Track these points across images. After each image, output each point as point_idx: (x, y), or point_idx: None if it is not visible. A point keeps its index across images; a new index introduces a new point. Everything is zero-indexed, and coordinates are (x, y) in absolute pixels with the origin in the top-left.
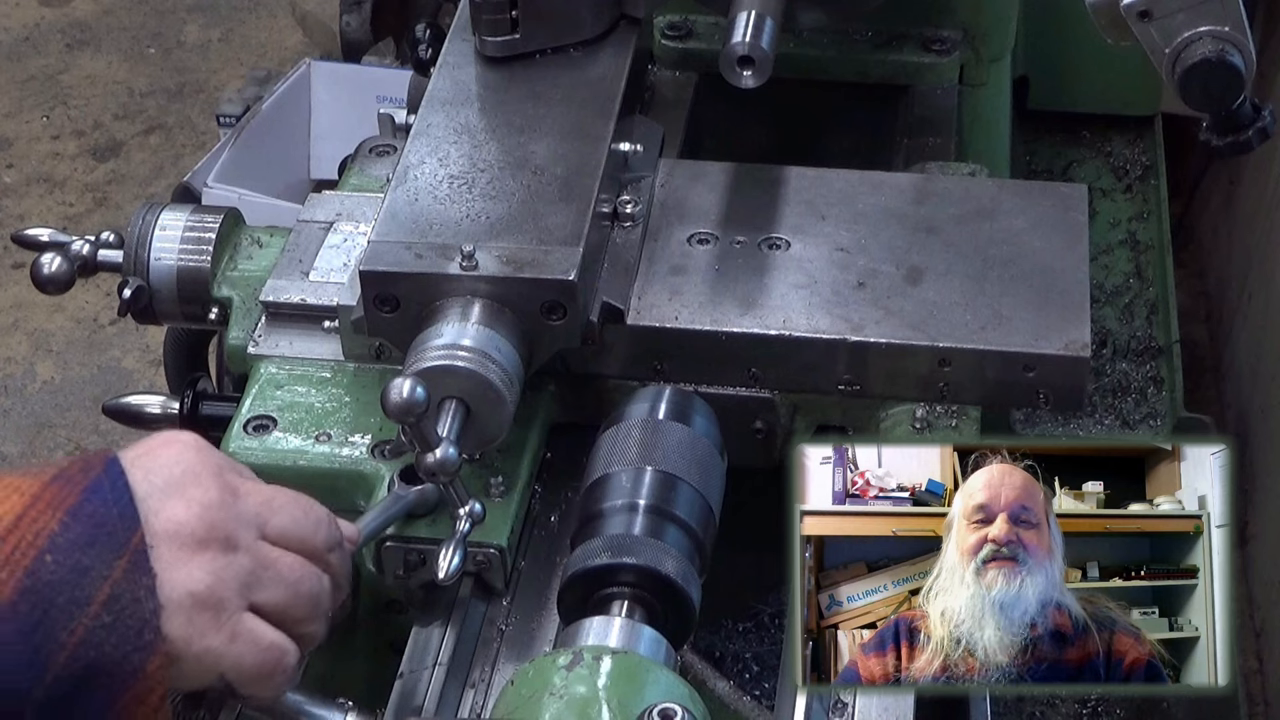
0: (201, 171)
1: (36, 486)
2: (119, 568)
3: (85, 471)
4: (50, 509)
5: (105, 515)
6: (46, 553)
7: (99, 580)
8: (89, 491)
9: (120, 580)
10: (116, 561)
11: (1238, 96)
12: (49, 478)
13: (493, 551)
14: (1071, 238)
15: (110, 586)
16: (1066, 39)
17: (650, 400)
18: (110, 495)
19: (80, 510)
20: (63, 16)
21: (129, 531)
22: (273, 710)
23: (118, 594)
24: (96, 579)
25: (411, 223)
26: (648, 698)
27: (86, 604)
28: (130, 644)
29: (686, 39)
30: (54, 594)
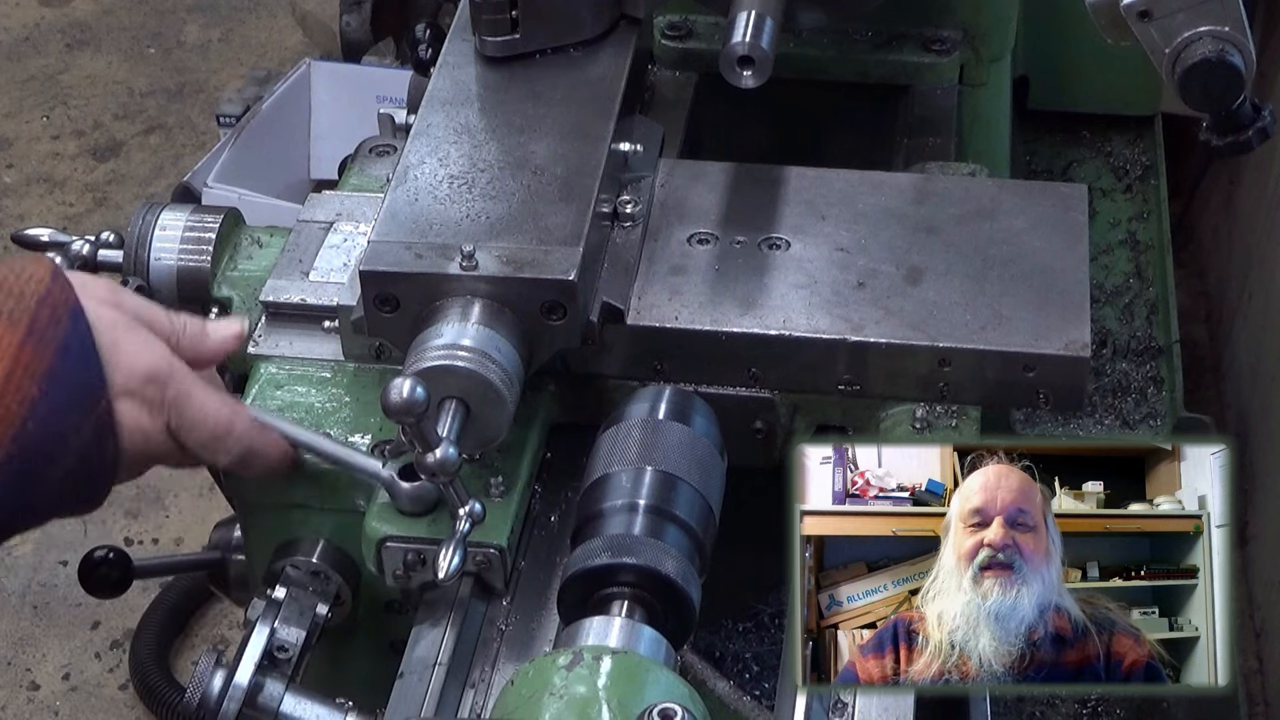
0: (201, 171)
1: (13, 346)
2: (88, 428)
3: (54, 324)
4: (29, 375)
5: (76, 379)
6: (29, 420)
7: (72, 440)
8: (61, 352)
9: (89, 439)
10: (86, 423)
11: (1238, 96)
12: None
13: (493, 551)
14: (1071, 238)
15: (79, 445)
16: (1066, 39)
17: (650, 400)
18: (79, 354)
19: (55, 374)
20: (63, 16)
21: (97, 396)
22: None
23: (87, 454)
24: (70, 439)
25: (411, 223)
26: (648, 698)
27: (59, 461)
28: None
29: (686, 39)
30: (34, 458)
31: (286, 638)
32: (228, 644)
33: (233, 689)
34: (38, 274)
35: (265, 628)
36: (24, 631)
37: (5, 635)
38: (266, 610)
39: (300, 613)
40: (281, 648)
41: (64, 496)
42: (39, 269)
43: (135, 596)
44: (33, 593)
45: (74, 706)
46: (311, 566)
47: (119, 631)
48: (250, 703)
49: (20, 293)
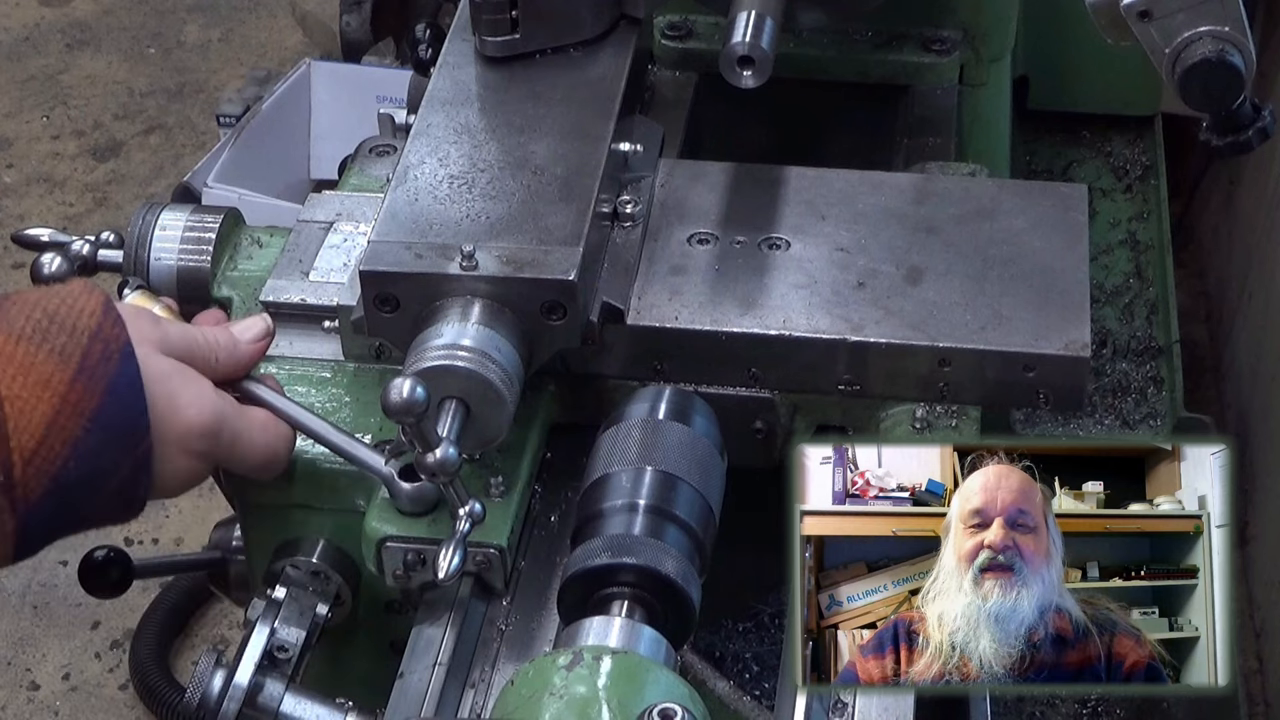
0: (201, 171)
1: (64, 384)
2: (126, 468)
3: (105, 361)
4: (77, 414)
5: (121, 423)
6: (70, 459)
7: (110, 479)
8: (110, 393)
9: (126, 478)
10: (125, 464)
11: (1238, 96)
12: (74, 371)
13: (493, 551)
14: (1071, 238)
15: (117, 483)
16: (1066, 39)
17: (650, 400)
18: (126, 397)
19: (102, 416)
20: (63, 16)
21: (140, 440)
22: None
23: (122, 488)
24: (109, 478)
25: (411, 223)
26: (648, 698)
27: (96, 498)
28: (119, 514)
29: (686, 39)
30: (74, 492)
31: (286, 638)
32: (228, 644)
33: (233, 689)
34: (89, 306)
35: (265, 628)
36: (24, 631)
37: (5, 635)
38: (266, 610)
39: (300, 613)
40: (281, 648)
41: (95, 521)
42: (91, 300)
43: (135, 596)
44: (33, 593)
45: (74, 706)
46: (311, 566)
47: (119, 631)
48: (250, 703)
49: (73, 326)
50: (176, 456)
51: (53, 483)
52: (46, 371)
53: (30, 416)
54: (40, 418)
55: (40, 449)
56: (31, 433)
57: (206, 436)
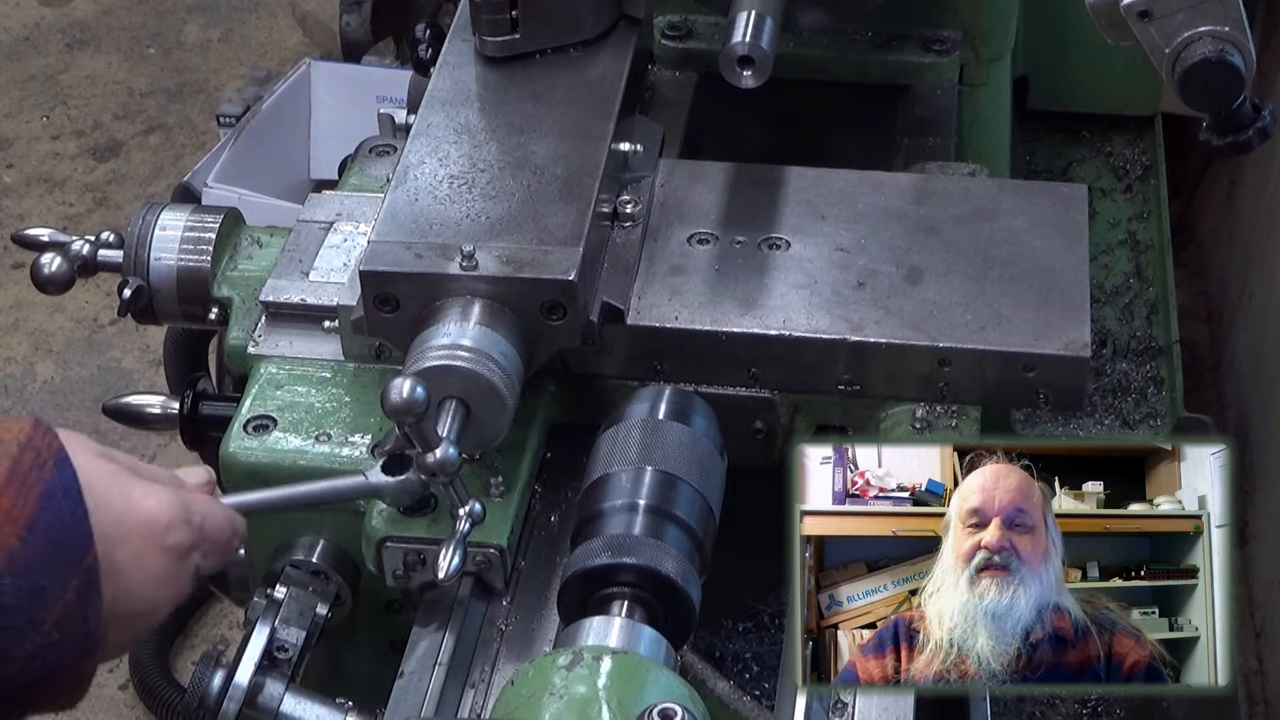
0: (201, 171)
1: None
2: (72, 588)
3: (39, 468)
4: (10, 522)
5: (61, 532)
6: (5, 575)
7: (53, 602)
8: (45, 499)
9: (72, 602)
10: (70, 581)
11: (1238, 96)
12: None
13: (493, 551)
14: (1071, 238)
15: (62, 608)
16: (1066, 39)
17: (650, 400)
18: (64, 504)
19: (38, 524)
20: (63, 16)
21: (84, 552)
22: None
23: (68, 615)
24: (51, 600)
25: (411, 223)
26: (648, 698)
27: (40, 624)
28: (75, 654)
29: (686, 39)
30: (11, 616)
31: (286, 638)
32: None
33: (233, 689)
34: (17, 425)
35: (265, 628)
36: None
37: None
38: (266, 610)
39: (300, 613)
40: (281, 648)
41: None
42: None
43: None
44: None
45: None
46: (311, 566)
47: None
48: (250, 703)
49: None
50: (148, 557)
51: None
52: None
53: None
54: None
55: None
56: None
57: (174, 526)
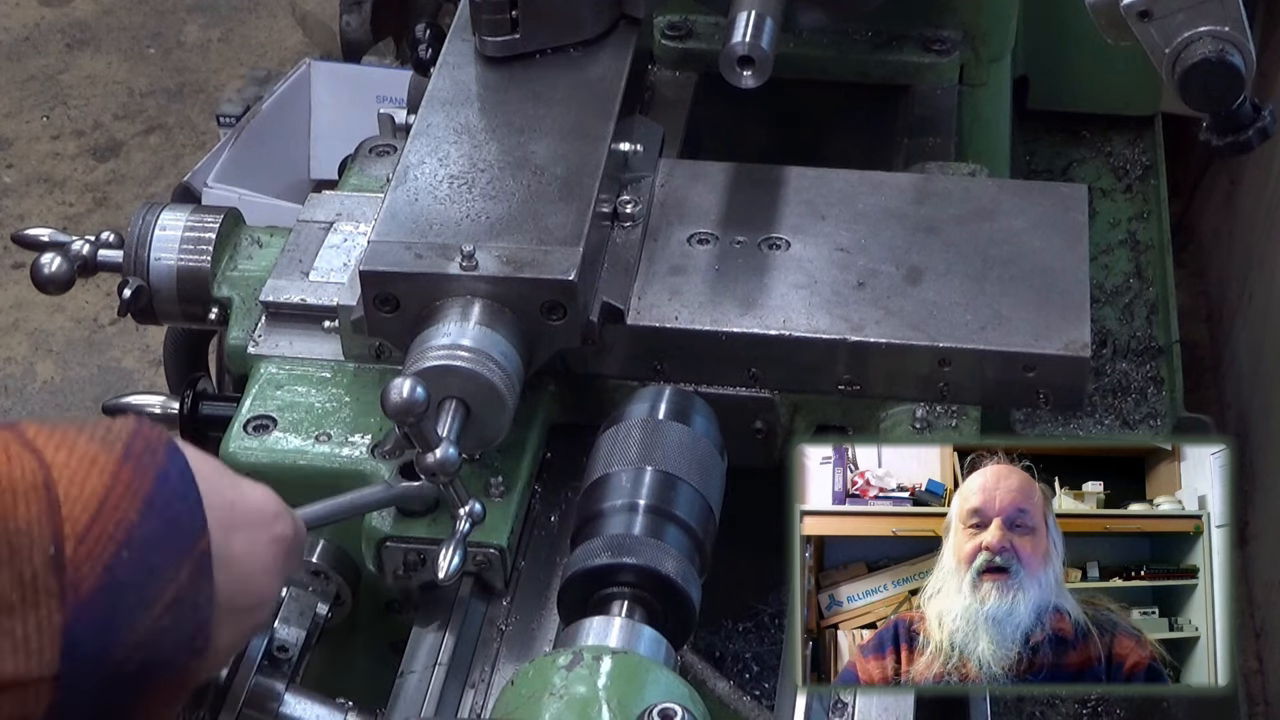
0: (201, 171)
1: (113, 464)
2: (184, 570)
3: (151, 453)
4: (129, 494)
5: (175, 512)
6: (124, 547)
7: (166, 583)
8: (160, 479)
9: (185, 585)
10: (184, 563)
11: (1238, 96)
12: (120, 454)
13: (493, 551)
14: (1071, 238)
15: (175, 590)
16: (1066, 39)
17: (650, 400)
18: (178, 486)
19: (155, 501)
20: (63, 16)
21: (196, 533)
22: None
23: (180, 599)
24: (164, 580)
25: (411, 223)
26: (648, 698)
27: (152, 605)
28: (183, 647)
29: (686, 39)
30: (126, 591)
31: (286, 638)
32: None
33: (233, 689)
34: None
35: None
36: None
37: None
38: None
39: (300, 613)
40: (281, 648)
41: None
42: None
43: None
44: None
45: None
46: (311, 566)
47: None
48: (250, 703)
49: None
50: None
51: (106, 573)
52: (92, 451)
53: (81, 488)
54: (92, 494)
55: (93, 527)
56: (84, 505)
57: (281, 516)
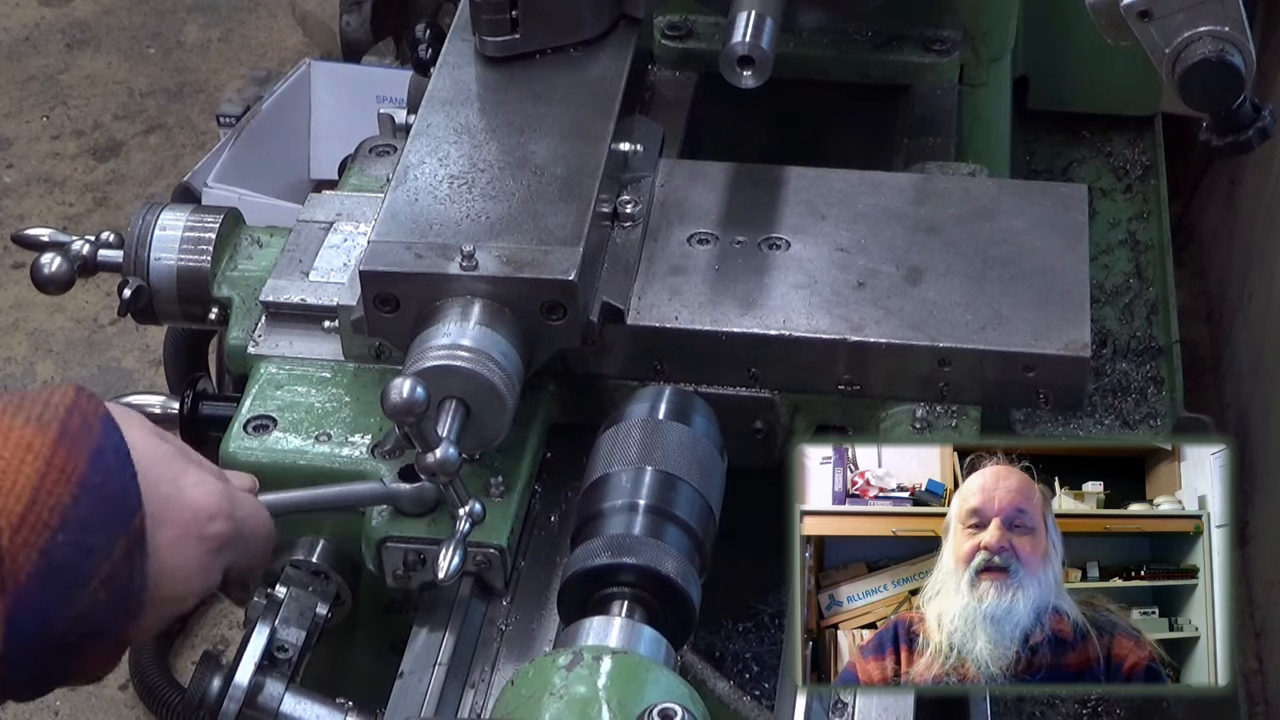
0: (201, 171)
1: (46, 448)
2: (119, 548)
3: (86, 430)
4: (63, 479)
5: (111, 491)
6: (59, 531)
7: (101, 559)
8: (94, 458)
9: (120, 561)
10: (118, 541)
11: (1238, 96)
12: (54, 435)
13: (493, 551)
14: (1071, 238)
15: (110, 566)
16: (1066, 39)
17: (650, 400)
18: (113, 464)
19: (89, 482)
20: (63, 16)
21: (131, 512)
22: None
23: (115, 574)
24: (99, 558)
25: (411, 223)
26: (648, 698)
27: (88, 582)
28: (119, 617)
29: (686, 39)
30: (62, 573)
31: (286, 638)
32: (228, 644)
33: (233, 689)
34: (60, 390)
35: (265, 628)
36: None
37: None
38: (266, 610)
39: (300, 613)
40: (281, 648)
41: (88, 622)
42: (62, 387)
43: None
44: None
45: (74, 706)
46: (311, 566)
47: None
48: (250, 703)
49: (46, 401)
50: (187, 544)
51: (42, 559)
52: (26, 437)
53: (14, 479)
54: (25, 481)
55: (28, 515)
56: (18, 495)
57: (217, 518)
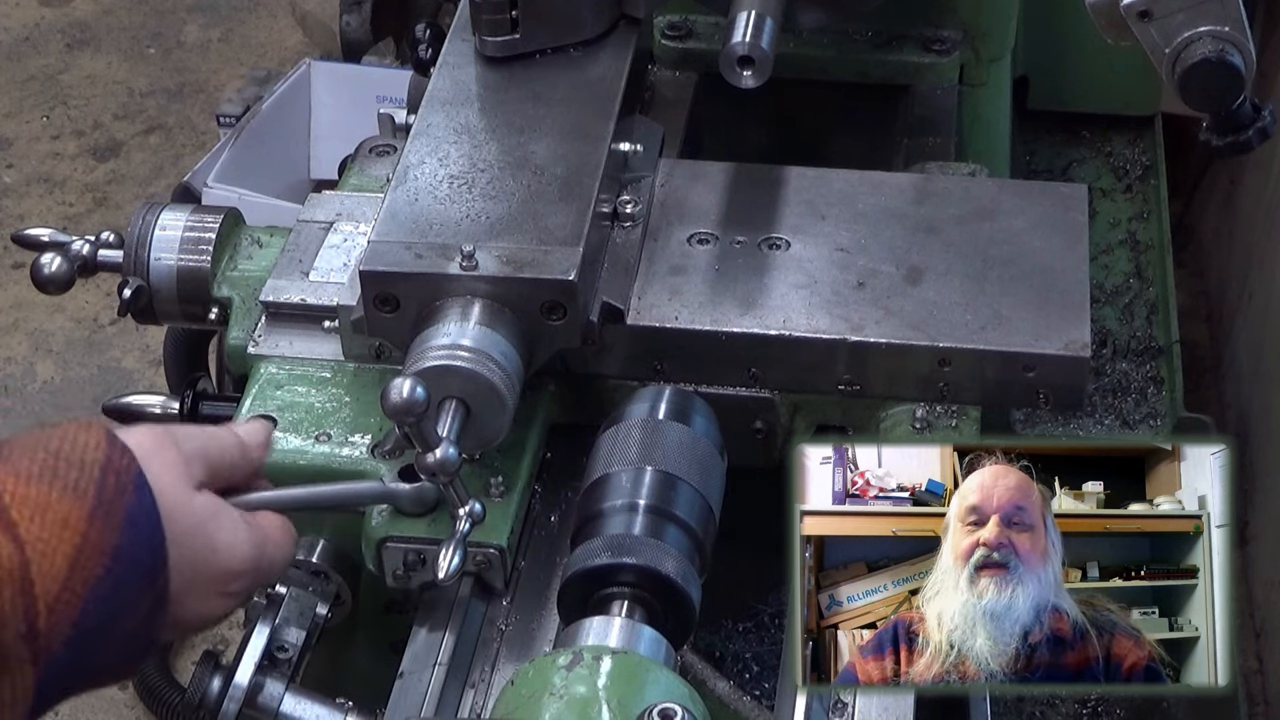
0: (201, 171)
1: (82, 522)
2: (144, 605)
3: (120, 493)
4: (97, 553)
5: (141, 555)
6: (90, 602)
7: (128, 618)
8: (128, 526)
9: (143, 618)
10: (144, 600)
11: (1238, 96)
12: (90, 506)
13: (493, 551)
14: (1071, 238)
15: (134, 623)
16: (1066, 39)
17: (650, 400)
18: (144, 529)
19: (121, 552)
20: (63, 16)
21: (157, 573)
22: None
23: (138, 629)
24: (126, 617)
25: (411, 223)
26: (648, 698)
27: (115, 636)
28: (136, 657)
29: (686, 39)
30: (89, 635)
31: (286, 638)
32: (228, 644)
33: (233, 689)
34: (92, 439)
35: (265, 628)
36: None
37: None
38: (266, 610)
39: (300, 613)
40: (281, 648)
41: (105, 672)
42: (92, 434)
43: None
44: None
45: (74, 706)
46: (311, 566)
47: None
48: (250, 703)
49: (80, 461)
50: (211, 599)
51: (73, 629)
52: (63, 510)
53: (53, 560)
54: (62, 560)
55: (63, 594)
56: (55, 577)
57: (244, 576)
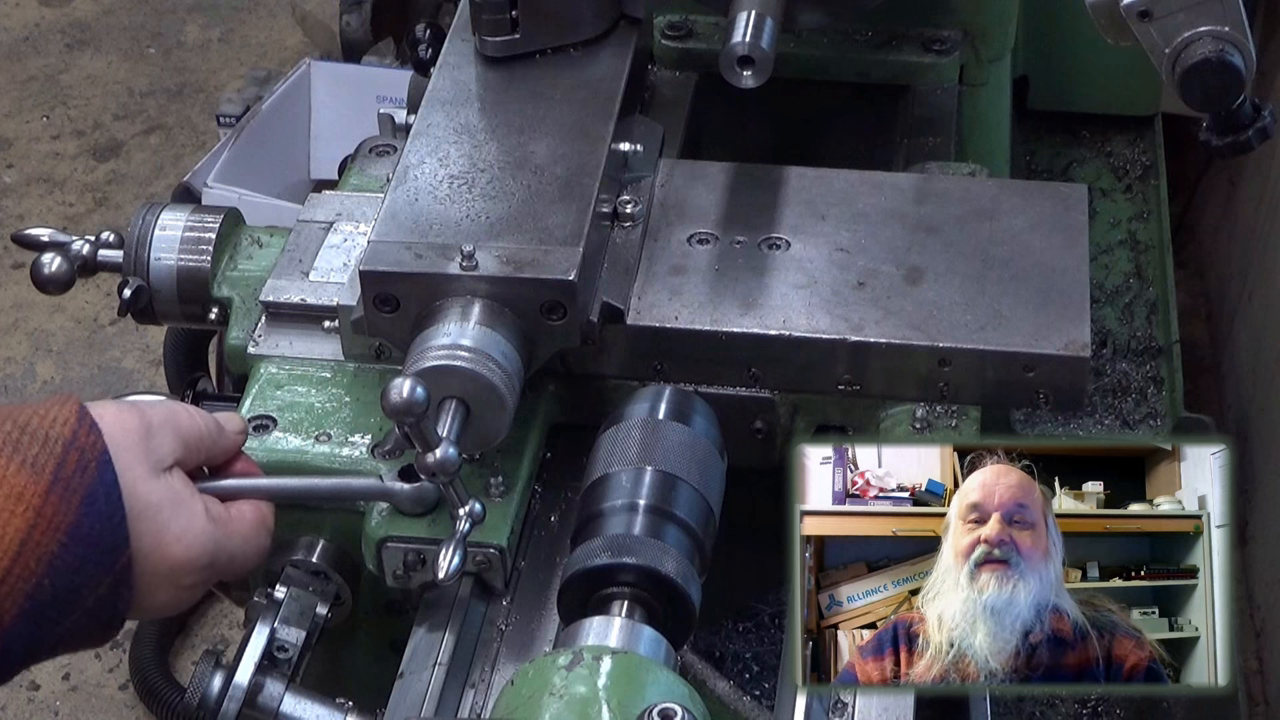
0: (201, 171)
1: (37, 497)
2: (105, 584)
3: (81, 471)
4: (52, 528)
5: (99, 534)
6: (46, 577)
7: (88, 594)
8: (86, 504)
9: (105, 594)
10: (104, 579)
11: (1238, 96)
12: (47, 483)
13: (493, 551)
14: (1071, 238)
15: (95, 600)
16: (1066, 39)
17: (650, 400)
18: (104, 508)
19: (78, 530)
20: (63, 16)
21: (119, 552)
22: None
23: (100, 605)
24: (86, 594)
25: (411, 223)
26: (648, 698)
27: (73, 611)
28: (101, 631)
29: (686, 39)
30: (47, 609)
31: (286, 638)
32: (228, 644)
33: (233, 689)
34: (62, 414)
35: (265, 628)
36: None
37: None
38: (266, 610)
39: (300, 613)
40: (281, 648)
41: (71, 641)
42: (64, 409)
43: None
44: None
45: (74, 706)
46: (311, 566)
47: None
48: (250, 703)
49: (45, 436)
50: (163, 588)
51: (28, 601)
52: (18, 486)
53: (3, 533)
54: (14, 534)
55: (14, 567)
56: (4, 550)
57: (197, 570)
